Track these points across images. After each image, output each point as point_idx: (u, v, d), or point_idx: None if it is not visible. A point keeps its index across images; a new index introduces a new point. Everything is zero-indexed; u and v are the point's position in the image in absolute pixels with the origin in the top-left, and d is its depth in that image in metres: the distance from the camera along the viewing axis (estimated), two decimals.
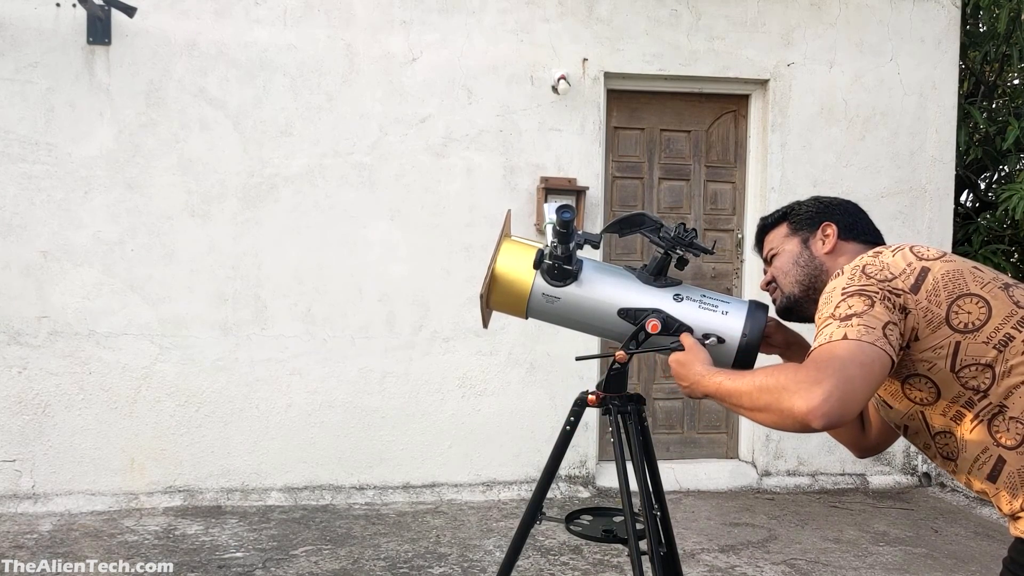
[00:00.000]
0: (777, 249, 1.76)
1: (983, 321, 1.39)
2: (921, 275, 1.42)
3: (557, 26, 4.79)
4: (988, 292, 1.41)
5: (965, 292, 1.40)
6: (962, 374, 1.39)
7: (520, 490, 4.74)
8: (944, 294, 1.40)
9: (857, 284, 1.41)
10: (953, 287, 1.41)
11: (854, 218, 1.72)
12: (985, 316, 1.39)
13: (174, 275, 4.49)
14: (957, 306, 1.40)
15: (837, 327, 1.35)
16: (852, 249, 1.66)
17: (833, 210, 1.73)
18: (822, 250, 1.68)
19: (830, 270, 1.65)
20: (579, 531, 2.12)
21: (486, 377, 4.80)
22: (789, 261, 1.72)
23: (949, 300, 1.40)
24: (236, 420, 4.56)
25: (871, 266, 1.45)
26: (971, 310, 1.40)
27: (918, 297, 1.40)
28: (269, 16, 4.53)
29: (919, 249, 1.48)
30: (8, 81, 4.30)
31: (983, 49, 6.34)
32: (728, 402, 1.49)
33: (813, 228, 1.71)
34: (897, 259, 1.45)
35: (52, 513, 4.26)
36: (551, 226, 1.86)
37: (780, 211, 1.80)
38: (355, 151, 4.64)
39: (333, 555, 3.79)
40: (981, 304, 1.40)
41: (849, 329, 1.34)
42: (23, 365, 4.36)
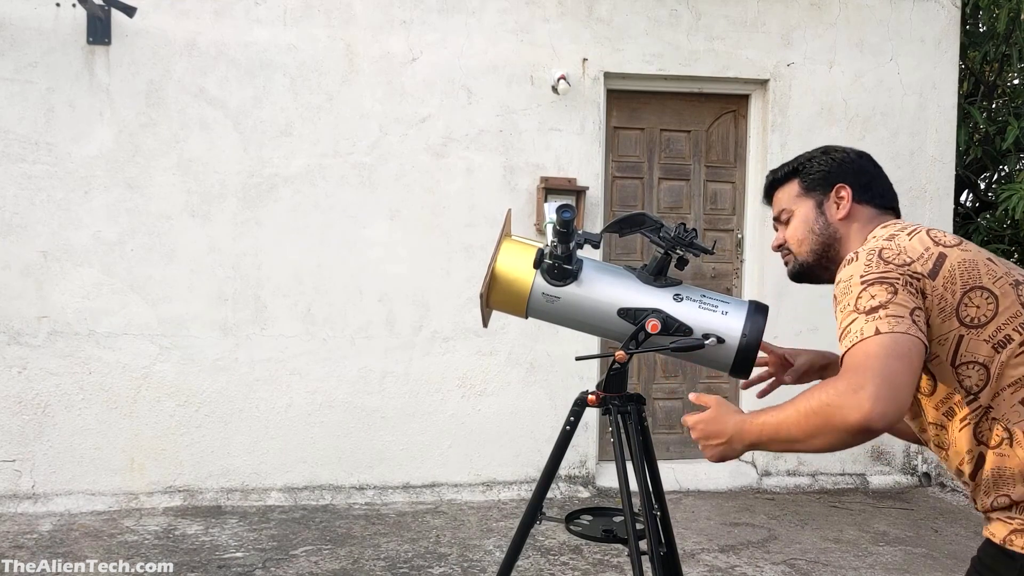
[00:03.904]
0: (789, 210, 1.69)
1: (988, 318, 1.37)
2: (939, 261, 1.39)
3: (557, 26, 4.79)
4: (999, 287, 1.39)
5: (977, 284, 1.38)
6: (960, 371, 1.39)
7: (520, 490, 4.74)
8: (960, 283, 1.38)
9: (876, 271, 1.38)
10: (968, 277, 1.38)
11: (869, 177, 1.65)
12: (991, 313, 1.37)
13: (174, 275, 4.49)
14: (968, 298, 1.37)
15: (865, 322, 1.32)
16: (867, 214, 1.61)
17: (847, 169, 1.65)
18: (836, 215, 1.62)
19: (844, 237, 1.61)
20: (579, 531, 2.12)
21: (486, 377, 4.80)
22: (803, 228, 1.66)
23: (963, 290, 1.37)
24: (236, 420, 4.56)
25: (887, 250, 1.41)
26: (979, 304, 1.37)
27: (935, 283, 1.37)
28: (269, 16, 4.53)
29: (936, 234, 1.45)
30: (8, 81, 4.30)
31: (983, 49, 6.34)
32: (778, 439, 1.40)
33: (827, 189, 1.64)
34: (914, 243, 1.42)
35: (52, 513, 4.26)
36: (551, 226, 1.86)
37: (791, 165, 1.71)
38: (355, 151, 4.64)
39: (333, 555, 3.79)
40: (990, 300, 1.38)
41: (879, 322, 1.31)
42: (23, 365, 4.36)
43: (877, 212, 1.61)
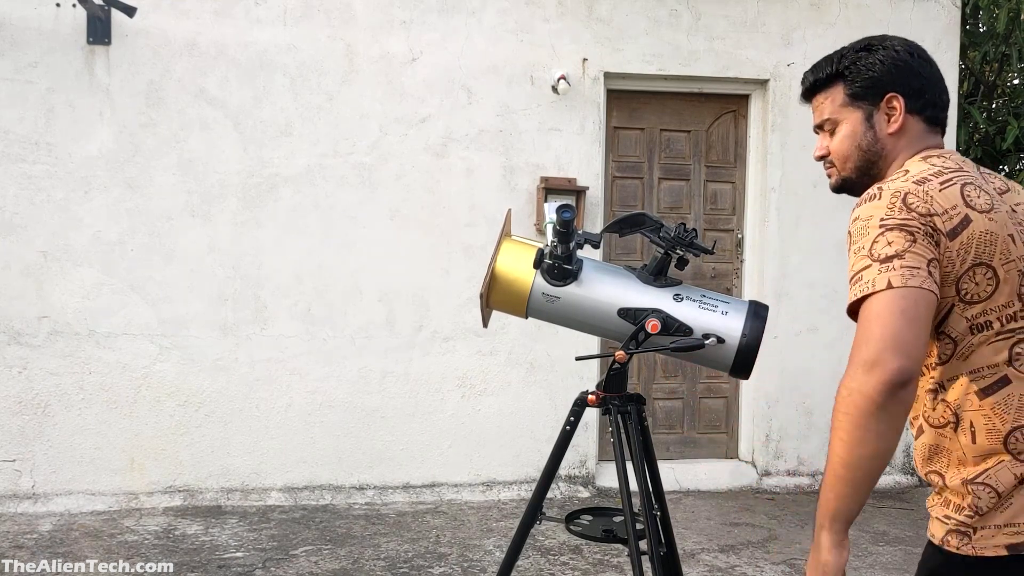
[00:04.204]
0: (834, 120, 1.54)
1: (981, 299, 1.33)
2: (963, 224, 1.31)
3: (557, 26, 4.79)
4: (1005, 271, 1.33)
5: (987, 261, 1.32)
6: (940, 338, 1.36)
7: (520, 490, 4.74)
8: (972, 254, 1.31)
9: (897, 217, 1.30)
10: (982, 250, 1.32)
11: (922, 81, 1.49)
12: (986, 295, 1.33)
13: (174, 275, 4.49)
14: (973, 271, 1.32)
15: (879, 272, 1.27)
16: (917, 130, 1.48)
17: (899, 73, 1.48)
18: (887, 129, 1.48)
19: (891, 153, 1.49)
20: (579, 531, 2.12)
21: (486, 377, 4.80)
22: (850, 143, 1.52)
23: (972, 263, 1.31)
24: (236, 420, 4.56)
25: (913, 196, 1.32)
26: (980, 282, 1.32)
27: (951, 244, 1.30)
28: (269, 16, 4.53)
29: (969, 191, 1.35)
30: (8, 81, 4.30)
31: (983, 49, 6.34)
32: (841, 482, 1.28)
33: (876, 99, 1.48)
34: (945, 195, 1.33)
35: (52, 513, 4.26)
36: (551, 226, 1.86)
37: (833, 65, 1.54)
38: (355, 151, 4.64)
39: (333, 555, 3.79)
40: (991, 281, 1.32)
41: (892, 274, 1.26)
42: (23, 365, 4.36)
43: (926, 129, 1.49)
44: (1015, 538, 1.30)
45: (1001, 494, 1.31)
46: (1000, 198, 1.39)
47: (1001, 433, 1.32)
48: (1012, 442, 1.31)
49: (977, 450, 1.33)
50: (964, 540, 1.34)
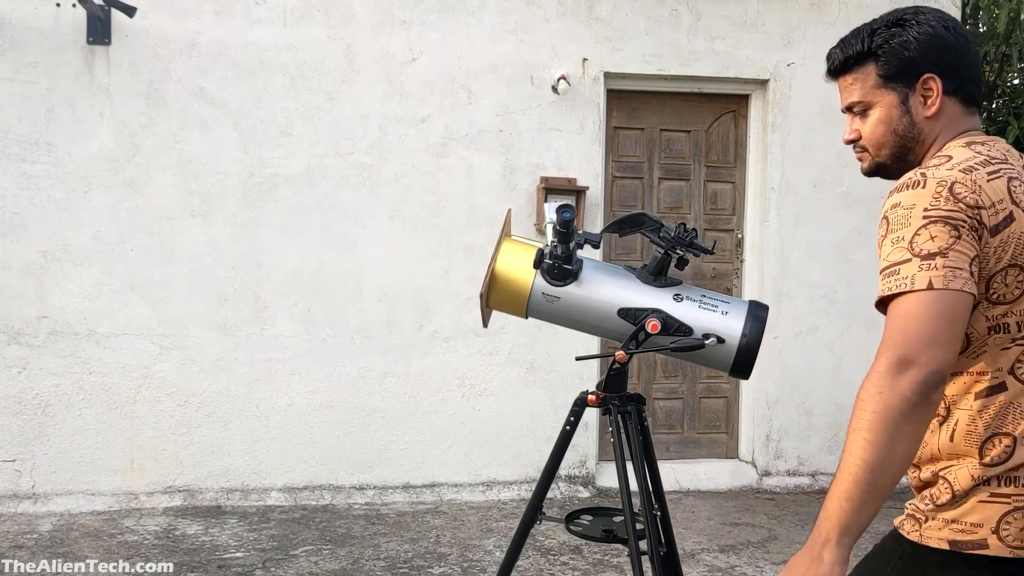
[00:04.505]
0: (866, 102, 1.43)
1: (1007, 300, 1.28)
2: (1006, 221, 1.25)
3: (557, 26, 4.79)
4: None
5: (1020, 263, 1.27)
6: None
7: (520, 490, 4.74)
8: (1009, 255, 1.26)
9: (944, 208, 1.23)
10: (1019, 251, 1.26)
11: (958, 59, 1.38)
12: (1013, 297, 1.28)
13: (174, 275, 4.48)
14: (1007, 272, 1.26)
15: (919, 269, 1.20)
16: (954, 112, 1.39)
17: (934, 51, 1.37)
18: (923, 113, 1.39)
19: (928, 137, 1.40)
20: (579, 531, 2.12)
21: (486, 377, 4.80)
22: (886, 128, 1.42)
23: (1007, 263, 1.26)
24: (236, 420, 4.56)
25: (961, 185, 1.24)
26: (1011, 283, 1.27)
27: (992, 241, 1.24)
28: (269, 16, 4.53)
29: (1015, 186, 1.28)
30: (8, 81, 4.30)
31: (983, 49, 6.34)
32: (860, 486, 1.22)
33: (911, 80, 1.38)
34: (993, 186, 1.26)
35: (52, 513, 4.26)
36: (551, 226, 1.86)
37: (863, 42, 1.43)
38: (355, 151, 4.64)
39: (333, 555, 3.79)
40: (1020, 284, 1.27)
41: (933, 274, 1.19)
42: (23, 365, 4.36)
43: (964, 110, 1.40)
44: (959, 535, 1.29)
45: (956, 493, 1.30)
46: None
47: (980, 438, 1.29)
48: (987, 448, 1.29)
49: (952, 448, 1.32)
50: (915, 526, 1.34)
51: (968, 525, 1.28)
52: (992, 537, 1.27)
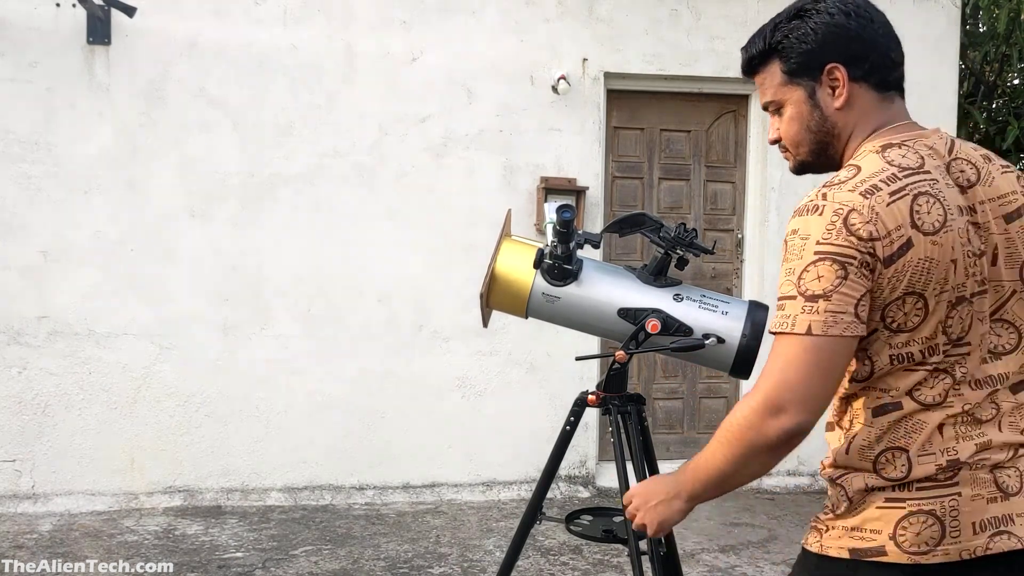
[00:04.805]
0: (778, 100, 1.40)
1: (907, 329, 1.25)
2: (903, 249, 1.21)
3: (557, 26, 4.79)
4: (936, 302, 1.24)
5: (919, 291, 1.23)
6: (858, 355, 1.29)
7: (520, 490, 4.74)
8: (904, 283, 1.22)
9: (835, 243, 1.20)
10: (916, 279, 1.22)
11: (863, 44, 1.33)
12: (912, 326, 1.24)
13: (174, 275, 4.48)
14: (904, 300, 1.23)
15: (800, 310, 1.21)
16: (868, 100, 1.34)
17: (835, 39, 1.33)
18: (833, 104, 1.35)
19: (844, 129, 1.36)
20: (579, 531, 2.13)
21: (486, 377, 4.80)
22: (799, 126, 1.39)
23: (903, 292, 1.23)
24: (236, 420, 4.56)
25: (857, 215, 1.21)
26: (908, 311, 1.24)
27: (887, 271, 1.21)
28: (269, 16, 4.53)
29: (920, 205, 1.23)
30: (8, 81, 4.30)
31: (983, 49, 6.34)
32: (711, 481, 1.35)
33: (816, 72, 1.35)
34: (892, 211, 1.21)
35: (52, 513, 4.26)
36: (551, 226, 1.86)
37: (766, 39, 1.40)
38: (355, 151, 4.64)
39: (333, 555, 3.79)
40: (920, 312, 1.24)
41: (814, 318, 1.20)
42: (23, 365, 4.36)
43: (879, 96, 1.35)
44: (858, 543, 1.27)
45: (852, 500, 1.29)
46: (958, 205, 1.27)
47: (873, 453, 1.28)
48: (880, 463, 1.28)
49: (847, 460, 1.31)
50: (817, 537, 1.33)
51: (867, 532, 1.27)
52: (890, 543, 1.25)
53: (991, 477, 1.27)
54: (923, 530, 1.24)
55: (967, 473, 1.25)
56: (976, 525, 1.25)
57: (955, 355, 1.27)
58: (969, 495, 1.25)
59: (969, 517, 1.24)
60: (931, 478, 1.25)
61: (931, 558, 1.24)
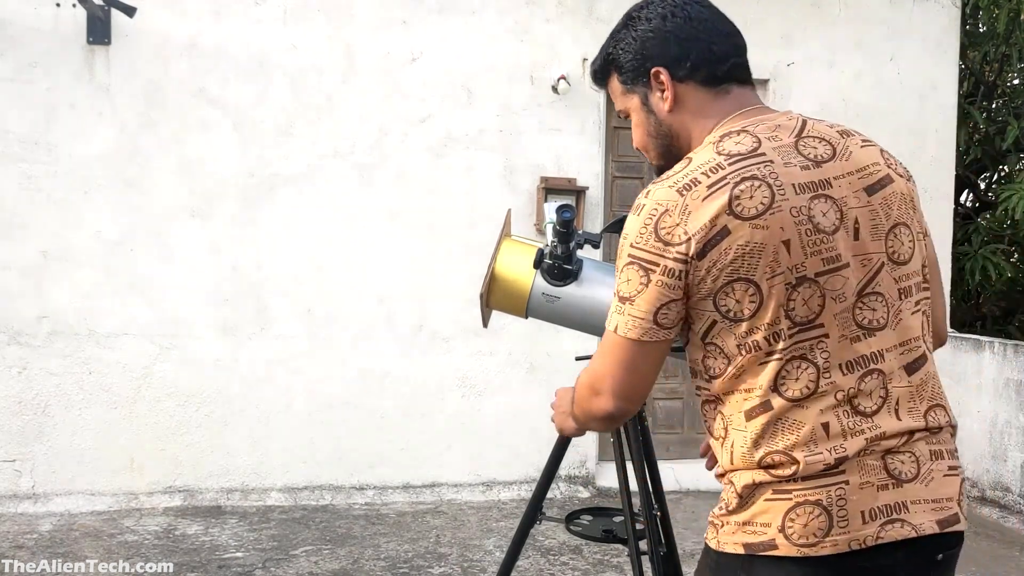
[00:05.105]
0: (624, 110, 1.45)
1: (744, 317, 1.22)
2: (717, 238, 1.20)
3: (557, 26, 4.79)
4: (771, 285, 1.21)
5: (747, 277, 1.20)
6: (708, 348, 1.28)
7: (520, 490, 4.74)
8: (727, 271, 1.20)
9: (643, 249, 1.23)
10: (740, 265, 1.20)
11: (682, 43, 1.35)
12: (750, 312, 1.22)
13: (174, 275, 4.48)
14: (731, 287, 1.21)
15: (615, 311, 1.27)
16: (698, 99, 1.35)
17: (656, 44, 1.35)
18: (664, 108, 1.37)
19: (681, 130, 1.37)
20: (579, 531, 2.13)
21: (486, 377, 4.80)
22: (643, 132, 1.42)
23: (727, 279, 1.21)
24: (236, 420, 4.56)
25: (668, 216, 1.21)
26: (740, 299, 1.21)
27: (700, 263, 1.20)
28: (269, 16, 4.53)
29: (742, 191, 1.20)
30: (8, 81, 4.30)
31: (983, 49, 6.34)
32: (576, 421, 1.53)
33: (644, 79, 1.37)
34: (706, 207, 1.20)
35: (52, 513, 4.26)
36: (551, 226, 1.86)
37: (604, 51, 1.44)
38: (355, 151, 4.64)
39: (333, 555, 3.79)
40: (754, 298, 1.21)
41: (620, 320, 1.25)
42: (23, 365, 4.36)
43: (710, 92, 1.36)
44: (750, 538, 1.24)
45: (741, 495, 1.26)
46: (798, 183, 1.23)
47: (755, 456, 1.25)
48: (765, 463, 1.24)
49: (733, 468, 1.29)
50: (714, 533, 1.31)
51: (757, 526, 1.24)
52: (779, 536, 1.22)
53: (880, 464, 1.23)
54: (810, 521, 1.20)
55: (854, 460, 1.22)
56: (865, 514, 1.21)
57: (807, 340, 1.22)
58: (857, 483, 1.21)
59: (857, 506, 1.21)
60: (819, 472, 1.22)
61: (820, 550, 1.20)
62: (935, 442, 1.28)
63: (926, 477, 1.25)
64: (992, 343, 4.82)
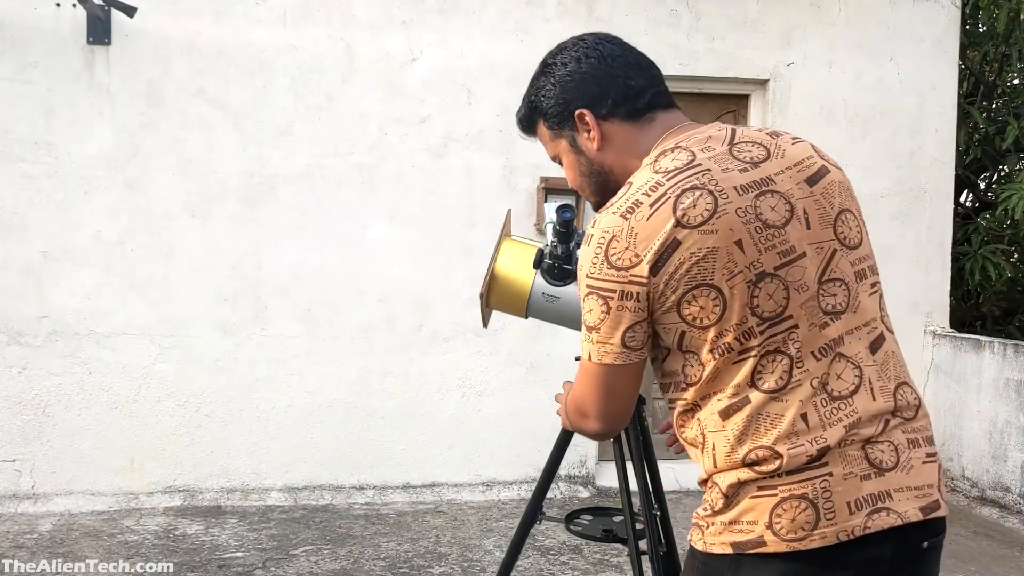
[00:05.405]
0: (555, 154, 1.51)
1: (711, 321, 1.24)
2: (667, 252, 1.22)
3: (557, 26, 4.79)
4: (732, 286, 1.23)
5: (705, 282, 1.22)
6: (687, 356, 1.29)
7: (520, 490, 4.74)
8: (684, 281, 1.22)
9: (598, 278, 1.25)
10: (696, 272, 1.22)
11: (599, 83, 1.38)
12: (715, 317, 1.23)
13: (174, 275, 4.49)
14: (693, 295, 1.23)
15: (584, 339, 1.32)
16: (625, 134, 1.39)
17: (575, 88, 1.39)
18: (593, 148, 1.41)
19: (614, 166, 1.40)
20: (579, 531, 2.13)
21: (486, 377, 4.80)
22: (575, 173, 1.47)
23: (686, 288, 1.23)
24: (236, 420, 4.56)
25: (616, 242, 1.24)
26: (704, 304, 1.23)
27: (656, 280, 1.22)
28: (269, 16, 4.53)
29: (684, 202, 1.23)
30: (8, 81, 4.30)
31: (983, 49, 6.34)
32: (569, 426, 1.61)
33: (569, 122, 1.41)
34: (652, 223, 1.22)
35: (52, 513, 4.26)
36: (551, 226, 1.86)
37: (527, 101, 1.51)
38: (355, 151, 4.64)
39: (333, 555, 3.79)
40: (717, 301, 1.23)
41: (592, 348, 1.30)
42: (23, 365, 4.36)
43: (634, 125, 1.39)
44: (738, 536, 1.25)
45: (727, 495, 1.26)
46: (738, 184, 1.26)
47: (739, 455, 1.25)
48: (748, 460, 1.25)
49: (717, 470, 1.29)
50: (699, 535, 1.31)
51: (744, 524, 1.25)
52: (767, 532, 1.22)
53: (861, 454, 1.24)
54: (797, 515, 1.21)
55: (836, 451, 1.23)
56: (851, 504, 1.22)
57: (779, 332, 1.24)
58: (840, 474, 1.22)
59: (843, 497, 1.22)
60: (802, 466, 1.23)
61: (809, 543, 1.21)
62: (911, 430, 1.30)
63: (906, 465, 1.27)
64: (992, 343, 4.82)
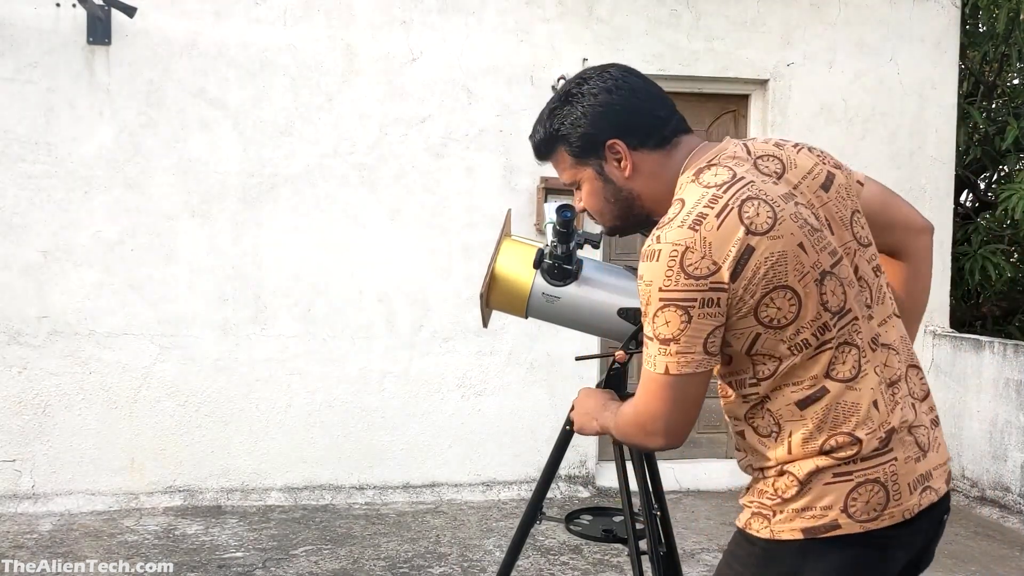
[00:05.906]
0: (575, 181, 1.51)
1: (788, 320, 1.30)
2: (744, 257, 1.27)
3: (557, 26, 4.79)
4: (804, 286, 1.29)
5: (781, 284, 1.28)
6: (756, 359, 1.34)
7: (520, 490, 4.74)
8: (762, 284, 1.28)
9: (675, 289, 1.27)
10: (773, 275, 1.28)
11: (630, 115, 1.42)
12: (792, 315, 1.30)
13: (174, 275, 4.49)
14: (770, 298, 1.28)
15: (657, 353, 1.31)
16: (653, 162, 1.42)
17: (607, 118, 1.42)
18: (623, 176, 1.44)
19: (642, 191, 1.44)
20: (579, 531, 2.13)
21: (486, 377, 4.80)
22: (597, 199, 1.49)
23: (764, 291, 1.28)
24: (236, 420, 4.56)
25: (691, 253, 1.26)
26: (781, 305, 1.29)
27: (735, 285, 1.27)
28: (269, 16, 4.53)
29: (748, 211, 1.28)
30: (8, 81, 4.30)
31: (982, 49, 6.34)
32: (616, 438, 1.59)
33: (599, 151, 1.43)
34: (724, 232, 1.27)
35: (52, 513, 4.26)
36: (551, 226, 1.86)
37: (547, 129, 1.48)
38: (355, 151, 4.64)
39: (333, 555, 3.79)
40: (793, 301, 1.29)
41: (669, 360, 1.30)
42: (23, 365, 4.36)
43: (663, 153, 1.43)
44: (811, 522, 1.31)
45: (801, 482, 1.32)
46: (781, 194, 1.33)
47: (818, 442, 1.31)
48: (827, 448, 1.31)
49: (791, 458, 1.34)
50: (764, 523, 1.35)
51: (818, 510, 1.31)
52: (842, 516, 1.30)
53: (912, 439, 1.36)
54: (871, 498, 1.30)
55: (896, 437, 1.33)
56: (910, 486, 1.33)
57: (846, 325, 1.33)
58: (902, 458, 1.33)
59: (904, 479, 1.33)
60: (874, 451, 1.32)
61: (880, 523, 1.31)
62: (928, 409, 1.44)
63: (935, 444, 1.41)
64: (992, 343, 4.82)
